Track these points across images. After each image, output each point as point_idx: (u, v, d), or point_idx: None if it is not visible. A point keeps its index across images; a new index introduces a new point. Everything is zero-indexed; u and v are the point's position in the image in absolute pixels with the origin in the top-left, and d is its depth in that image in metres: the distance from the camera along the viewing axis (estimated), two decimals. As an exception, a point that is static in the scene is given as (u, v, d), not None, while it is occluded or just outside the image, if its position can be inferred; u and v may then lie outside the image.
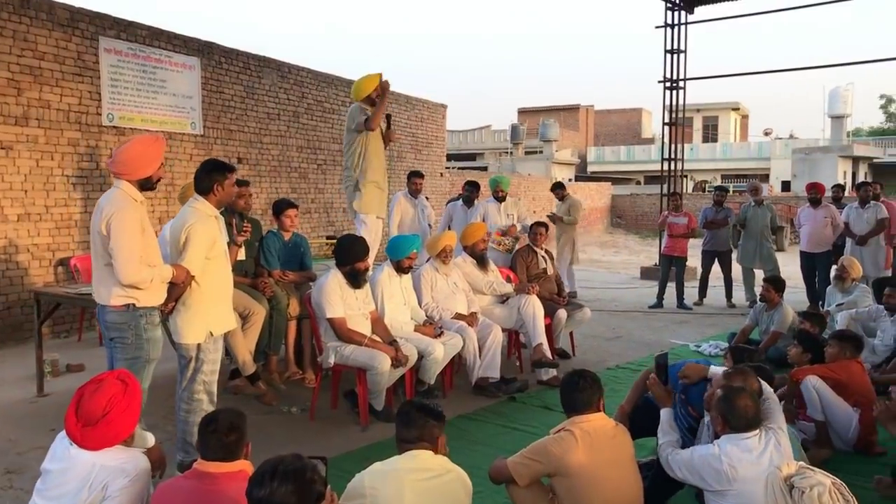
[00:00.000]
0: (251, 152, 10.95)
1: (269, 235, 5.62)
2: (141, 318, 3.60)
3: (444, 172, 17.22)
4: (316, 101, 12.35)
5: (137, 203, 3.59)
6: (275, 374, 5.42)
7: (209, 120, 10.15)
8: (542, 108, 46.56)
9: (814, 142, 39.39)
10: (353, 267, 4.91)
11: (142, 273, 3.51)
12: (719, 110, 44.94)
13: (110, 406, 2.62)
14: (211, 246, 3.84)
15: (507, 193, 7.80)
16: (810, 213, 9.60)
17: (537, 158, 37.95)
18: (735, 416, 2.98)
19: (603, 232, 30.42)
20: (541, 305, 6.17)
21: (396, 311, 5.39)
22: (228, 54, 10.50)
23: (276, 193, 11.30)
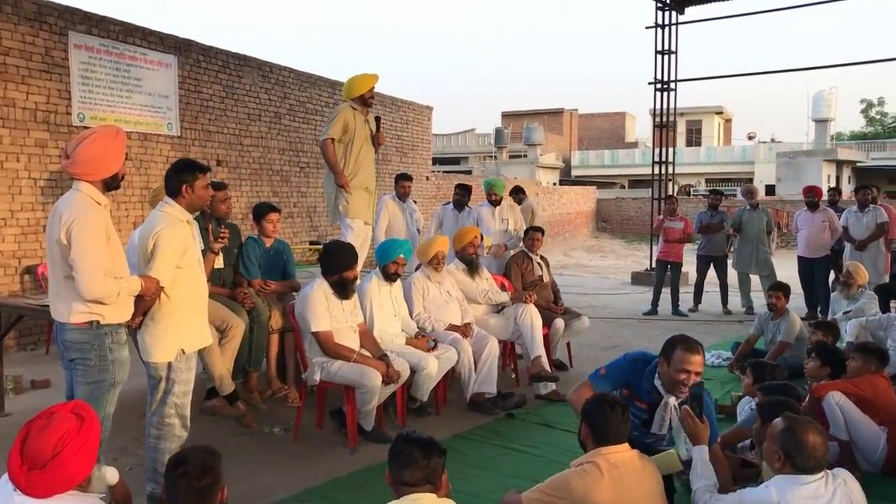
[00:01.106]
0: (231, 154, 10.58)
1: (248, 242, 5.29)
2: (106, 336, 3.23)
3: (430, 176, 16.90)
4: (298, 101, 12.00)
5: (101, 207, 3.23)
6: (255, 392, 5.10)
7: (187, 120, 9.77)
8: (526, 112, 46.46)
9: (797, 145, 39.58)
10: (340, 276, 4.61)
11: (107, 287, 3.14)
12: (703, 114, 45.13)
13: (62, 445, 2.25)
14: (182, 254, 3.51)
15: (501, 197, 7.49)
16: (808, 217, 9.40)
17: (522, 162, 37.84)
18: (803, 453, 2.62)
19: (588, 236, 30.24)
20: (539, 315, 5.88)
21: (386, 323, 5.10)
22: (207, 52, 10.13)
23: (256, 197, 10.93)
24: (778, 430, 2.70)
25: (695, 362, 3.13)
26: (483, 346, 5.45)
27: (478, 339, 5.51)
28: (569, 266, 19.39)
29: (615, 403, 2.73)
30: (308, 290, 4.63)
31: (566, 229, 27.81)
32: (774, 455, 2.70)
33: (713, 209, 10.09)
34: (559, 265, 18.24)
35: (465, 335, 5.40)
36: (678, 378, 3.14)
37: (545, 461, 4.35)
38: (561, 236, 26.48)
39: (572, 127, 48.34)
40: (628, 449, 2.73)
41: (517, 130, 42.07)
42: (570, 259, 22.06)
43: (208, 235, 4.49)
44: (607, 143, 48.59)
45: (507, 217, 7.47)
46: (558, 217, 27.09)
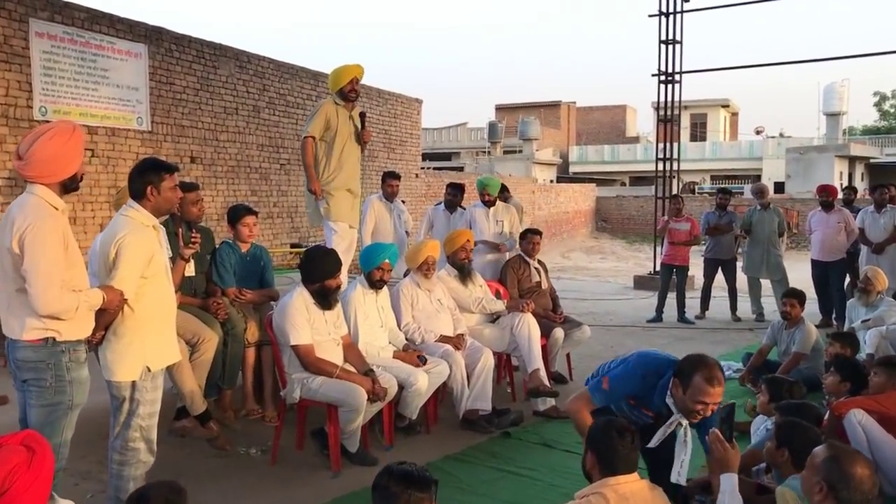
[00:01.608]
0: (206, 151, 10.46)
1: (222, 247, 5.18)
2: (62, 354, 3.11)
3: (420, 173, 16.82)
4: (278, 94, 11.89)
5: (58, 213, 3.11)
6: (229, 411, 4.99)
7: (158, 114, 9.66)
8: (521, 105, 46.47)
9: (808, 140, 39.71)
10: (322, 285, 4.51)
11: (64, 301, 3.02)
12: (708, 107, 45.22)
13: (11, 481, 2.15)
14: (147, 262, 3.40)
15: (496, 198, 7.40)
16: (822, 217, 9.35)
17: (517, 158, 37.81)
18: (849, 486, 2.51)
19: (587, 236, 30.25)
20: (537, 325, 5.80)
21: (372, 335, 5.01)
22: (180, 41, 10.02)
23: (233, 197, 10.82)
24: (820, 459, 2.60)
25: (715, 394, 3.00)
26: (477, 358, 5.36)
27: (471, 351, 5.42)
28: (566, 269, 19.36)
29: (624, 430, 2.63)
30: (287, 300, 4.54)
31: (564, 229, 27.81)
32: (815, 486, 2.59)
33: (721, 209, 10.04)
34: (556, 268, 18.19)
35: (457, 347, 5.31)
36: (694, 408, 3.03)
37: (544, 485, 4.27)
38: (558, 237, 26.46)
39: (570, 121, 48.37)
40: (638, 479, 2.63)
41: (512, 124, 42.05)
42: (567, 261, 22.04)
43: (178, 241, 4.38)
44: (607, 138, 48.64)
45: (502, 218, 7.38)
46: (555, 216, 27.08)
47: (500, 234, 7.28)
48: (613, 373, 3.34)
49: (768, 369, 6.30)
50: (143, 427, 3.47)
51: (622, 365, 3.36)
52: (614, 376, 3.32)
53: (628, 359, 3.37)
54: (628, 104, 51.02)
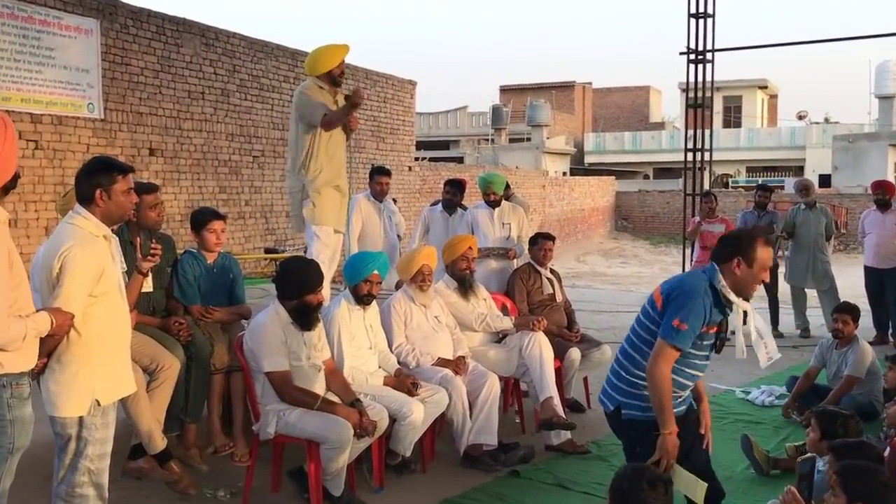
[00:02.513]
0: (167, 141, 10.44)
1: (185, 257, 5.15)
2: (3, 389, 3.06)
3: (414, 166, 16.80)
4: (251, 75, 11.87)
5: (2, 224, 3.04)
6: (193, 449, 4.95)
7: (112, 100, 9.63)
8: (529, 86, 46.55)
9: (858, 127, 39.72)
10: (301, 301, 4.48)
11: (10, 331, 2.97)
12: (744, 89, 45.24)
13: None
14: (97, 278, 3.37)
15: (501, 197, 7.36)
16: (877, 218, 9.36)
17: (525, 147, 37.88)
18: None
19: (606, 237, 30.30)
20: (549, 346, 5.77)
21: (359, 359, 4.98)
22: (137, 15, 10.00)
23: (198, 194, 10.79)
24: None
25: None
26: (480, 385, 5.33)
27: (474, 376, 5.39)
28: (582, 275, 19.36)
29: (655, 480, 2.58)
30: (260, 320, 4.51)
31: (578, 229, 27.84)
32: None
33: (761, 208, 10.01)
34: (570, 274, 18.18)
35: (457, 372, 5.28)
36: (762, 278, 3.42)
37: (559, 534, 4.23)
38: (572, 237, 26.46)
39: (585, 104, 48.46)
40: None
41: (519, 108, 42.09)
42: (583, 266, 22.06)
43: (135, 251, 4.34)
44: (628, 124, 48.72)
45: (508, 221, 7.33)
46: (569, 214, 27.11)
47: (506, 240, 7.23)
48: (680, 311, 3.35)
49: (816, 395, 6.28)
50: (93, 470, 3.43)
51: (681, 299, 3.38)
52: (685, 312, 3.34)
53: (679, 290, 3.43)
54: (652, 85, 51.13)
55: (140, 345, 4.26)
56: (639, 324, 3.58)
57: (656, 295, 3.52)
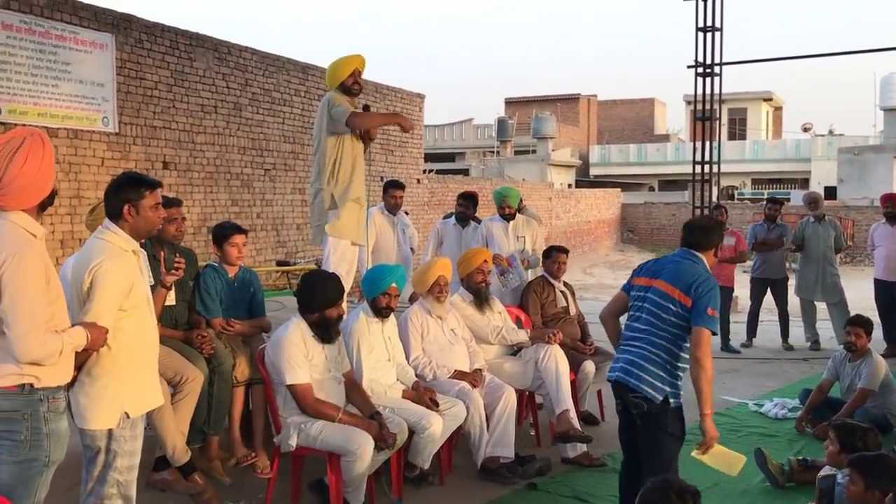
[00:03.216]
0: (180, 155, 10.49)
1: (207, 271, 5.18)
2: (40, 403, 3.08)
3: (422, 178, 16.85)
4: (263, 89, 11.93)
5: (37, 240, 3.10)
6: (216, 461, 4.95)
7: (126, 114, 9.68)
8: (534, 99, 46.59)
9: (863, 139, 39.68)
10: (322, 314, 4.53)
11: (48, 346, 3.01)
12: (748, 101, 45.27)
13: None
14: (127, 292, 3.41)
15: (516, 210, 7.40)
16: (886, 231, 9.37)
17: (530, 159, 37.91)
18: None
19: (612, 249, 30.30)
20: (565, 359, 5.79)
21: (378, 371, 5.01)
22: (151, 30, 10.06)
23: (211, 207, 10.85)
24: None
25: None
26: (497, 398, 5.35)
27: (490, 389, 5.42)
28: (589, 287, 19.35)
29: (684, 492, 2.61)
30: (282, 333, 4.54)
31: (585, 241, 27.85)
32: None
33: (771, 221, 10.03)
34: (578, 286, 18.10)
35: (474, 385, 5.30)
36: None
37: (579, 547, 4.25)
38: (579, 249, 26.46)
39: (590, 116, 48.52)
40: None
41: (524, 121, 42.12)
42: (590, 278, 22.06)
43: (159, 266, 4.37)
44: (633, 136, 48.73)
45: (523, 234, 7.38)
46: (575, 226, 27.13)
47: (521, 253, 7.27)
48: (711, 301, 3.81)
49: (830, 408, 6.30)
50: (121, 482, 3.45)
51: (707, 289, 3.82)
52: (714, 301, 3.83)
53: (701, 282, 3.83)
54: (657, 97, 51.15)
55: (165, 358, 4.26)
56: (663, 321, 3.89)
57: (677, 294, 3.86)
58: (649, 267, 4.16)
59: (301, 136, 12.68)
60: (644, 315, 3.97)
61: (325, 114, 5.67)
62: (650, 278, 4.03)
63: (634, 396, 3.86)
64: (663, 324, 3.89)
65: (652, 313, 3.94)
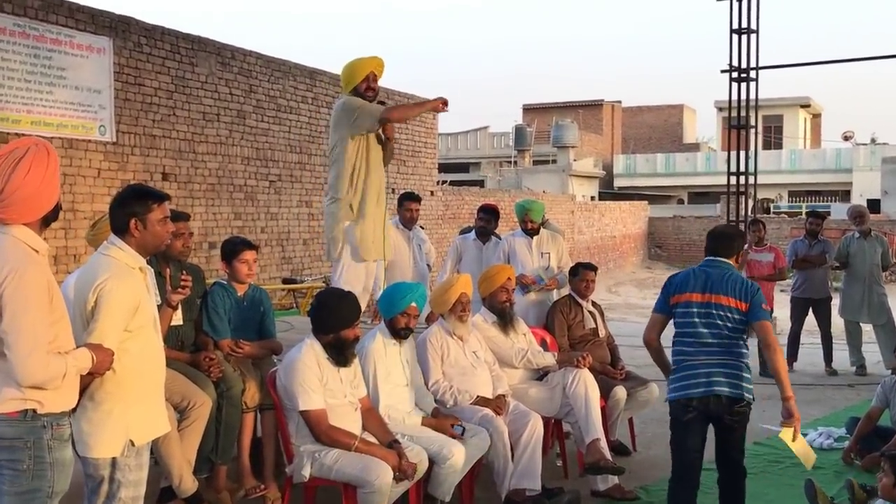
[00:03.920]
0: (181, 166, 10.57)
1: (215, 289, 5.22)
2: (43, 430, 3.10)
3: (436, 190, 16.91)
4: (268, 96, 12.02)
5: (40, 256, 3.13)
6: (224, 492, 4.95)
7: (124, 122, 9.77)
8: (554, 105, 46.69)
9: (908, 149, 39.60)
10: (337, 336, 4.53)
11: (51, 368, 3.03)
12: (785, 107, 45.21)
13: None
14: (133, 312, 3.43)
15: (539, 225, 7.41)
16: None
17: (550, 170, 37.92)
18: None
19: (639, 266, 30.28)
20: (595, 384, 5.78)
21: (396, 397, 5.01)
22: (151, 33, 10.16)
23: (212, 221, 10.91)
24: None
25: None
26: (522, 425, 5.33)
27: (515, 416, 5.40)
28: (615, 306, 19.34)
29: None
30: (295, 355, 4.54)
31: (609, 258, 27.84)
32: None
33: (812, 237, 10.02)
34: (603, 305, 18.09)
35: (498, 412, 5.28)
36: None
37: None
38: (603, 266, 26.42)
39: (615, 124, 48.55)
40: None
41: (543, 128, 42.17)
42: (616, 297, 22.06)
43: (165, 283, 4.40)
44: (660, 145, 48.75)
45: (548, 250, 7.38)
46: (599, 242, 27.14)
47: (545, 270, 7.28)
48: (760, 295, 4.54)
49: (879, 438, 6.25)
50: (126, 514, 3.45)
51: (756, 290, 4.54)
52: (761, 293, 4.57)
53: (750, 285, 4.55)
54: (686, 104, 51.19)
55: (171, 381, 4.26)
56: (731, 329, 4.49)
57: (734, 303, 4.46)
58: (691, 283, 4.63)
59: (308, 146, 12.77)
60: (707, 329, 4.52)
61: (343, 118, 5.66)
62: (705, 294, 4.54)
63: (740, 406, 4.45)
64: (732, 332, 4.49)
65: (717, 325, 4.49)
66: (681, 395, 4.55)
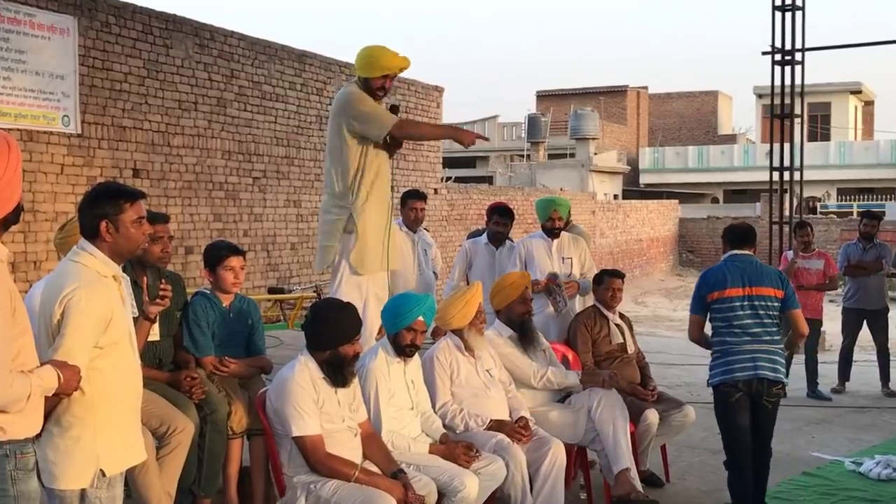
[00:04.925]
0: (154, 161, 10.60)
1: (197, 300, 5.24)
2: (6, 460, 3.12)
3: (440, 188, 16.92)
4: (252, 82, 12.05)
5: (2, 262, 3.13)
6: (207, 529, 4.98)
7: (91, 112, 9.80)
8: (572, 92, 46.80)
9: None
10: (335, 352, 4.53)
11: (14, 389, 3.03)
12: (833, 94, 45.19)
13: None
14: (104, 326, 3.44)
15: (563, 226, 7.40)
16: None
17: (568, 165, 37.92)
18: None
19: (668, 273, 30.29)
20: (624, 407, 5.79)
21: (400, 421, 5.01)
22: (120, 12, 10.21)
23: (190, 224, 10.94)
24: None
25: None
26: (542, 453, 5.34)
27: (534, 443, 5.40)
28: (642, 319, 19.35)
29: None
30: (287, 374, 4.54)
31: (635, 264, 27.86)
32: None
33: (867, 240, 10.02)
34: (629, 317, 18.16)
35: (517, 438, 5.28)
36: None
37: None
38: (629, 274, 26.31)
39: (640, 113, 48.60)
40: None
41: (560, 118, 42.21)
42: (643, 308, 22.07)
43: (141, 293, 4.42)
44: (692, 137, 48.78)
45: (569, 255, 7.37)
46: (623, 246, 27.17)
47: (567, 278, 7.27)
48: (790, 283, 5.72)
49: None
50: (96, 554, 3.46)
51: (784, 276, 5.79)
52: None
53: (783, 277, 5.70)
54: (720, 90, 51.15)
55: (148, 404, 4.29)
56: (771, 318, 5.44)
57: (774, 292, 5.44)
58: (728, 279, 5.48)
59: (296, 138, 12.80)
60: (751, 319, 5.40)
61: (348, 112, 5.65)
62: (745, 287, 5.41)
63: (777, 389, 5.39)
64: (772, 321, 5.43)
65: (759, 315, 5.40)
66: (727, 378, 5.38)
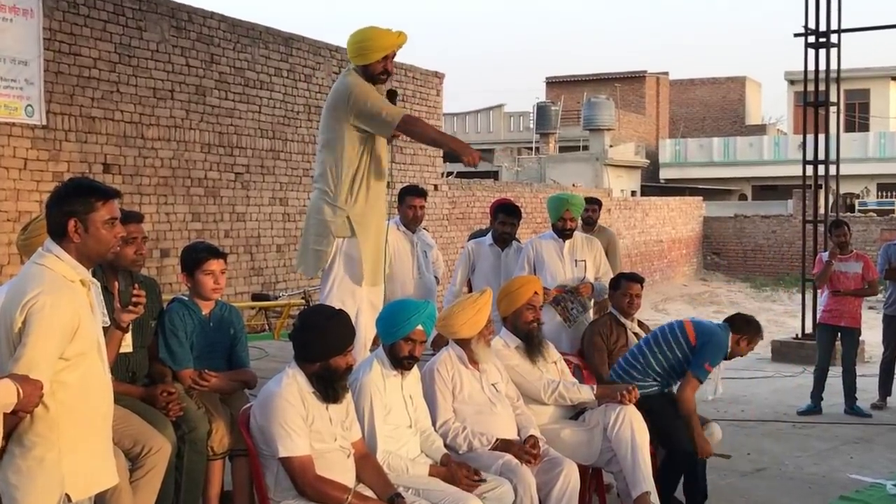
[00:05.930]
0: (126, 154, 10.62)
1: (174, 307, 5.25)
2: None
3: (441, 183, 16.94)
4: (233, 68, 12.07)
5: None
6: (186, 558, 4.98)
7: (57, 101, 9.83)
8: (585, 78, 46.88)
9: None
10: (326, 365, 4.52)
11: None
12: (871, 80, 45.09)
13: None
14: (70, 335, 3.44)
15: (576, 225, 7.41)
16: None
17: (580, 158, 37.93)
18: None
19: (692, 277, 30.31)
20: (644, 425, 5.78)
21: (397, 441, 5.02)
22: (90, -9, 10.20)
23: (165, 224, 10.97)
24: None
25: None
26: (554, 475, 5.34)
27: (545, 464, 5.41)
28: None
29: None
30: (273, 389, 4.54)
31: (655, 267, 27.87)
32: None
33: (909, 240, 10.00)
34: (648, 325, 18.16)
35: (529, 460, 5.28)
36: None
37: None
38: (648, 278, 26.39)
39: (660, 101, 48.63)
40: None
41: (572, 107, 42.25)
42: (664, 315, 22.05)
43: (112, 300, 4.42)
44: (717, 127, 48.79)
45: (583, 257, 7.38)
46: (641, 247, 27.16)
47: (580, 283, 7.28)
48: (712, 357, 6.13)
49: None
50: (63, 587, 3.47)
51: (709, 346, 6.13)
52: (714, 358, 6.15)
53: (708, 340, 6.14)
54: (748, 76, 51.13)
55: (120, 422, 4.29)
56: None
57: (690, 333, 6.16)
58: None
59: (283, 130, 12.82)
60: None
61: (351, 106, 5.60)
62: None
63: None
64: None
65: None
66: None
